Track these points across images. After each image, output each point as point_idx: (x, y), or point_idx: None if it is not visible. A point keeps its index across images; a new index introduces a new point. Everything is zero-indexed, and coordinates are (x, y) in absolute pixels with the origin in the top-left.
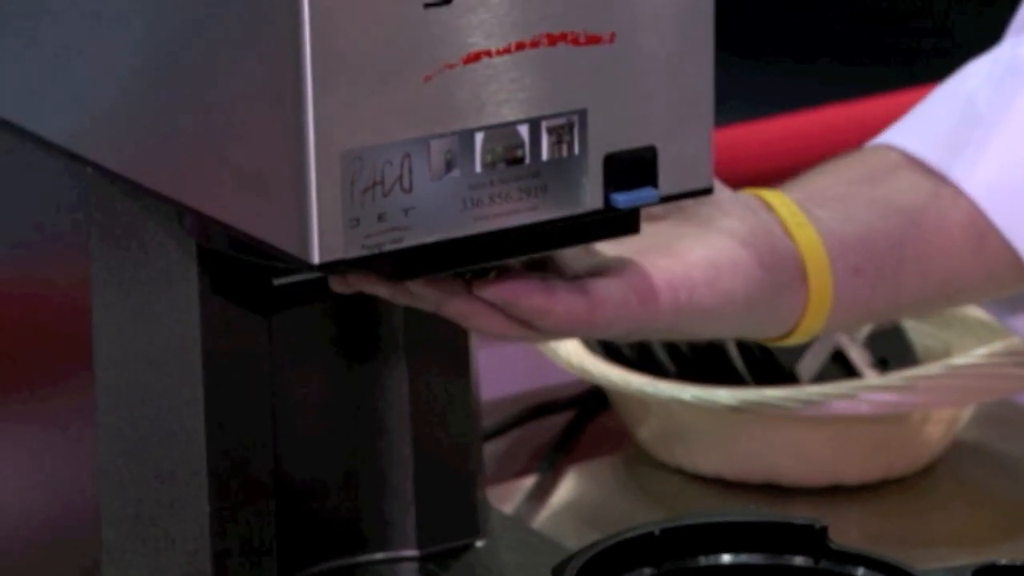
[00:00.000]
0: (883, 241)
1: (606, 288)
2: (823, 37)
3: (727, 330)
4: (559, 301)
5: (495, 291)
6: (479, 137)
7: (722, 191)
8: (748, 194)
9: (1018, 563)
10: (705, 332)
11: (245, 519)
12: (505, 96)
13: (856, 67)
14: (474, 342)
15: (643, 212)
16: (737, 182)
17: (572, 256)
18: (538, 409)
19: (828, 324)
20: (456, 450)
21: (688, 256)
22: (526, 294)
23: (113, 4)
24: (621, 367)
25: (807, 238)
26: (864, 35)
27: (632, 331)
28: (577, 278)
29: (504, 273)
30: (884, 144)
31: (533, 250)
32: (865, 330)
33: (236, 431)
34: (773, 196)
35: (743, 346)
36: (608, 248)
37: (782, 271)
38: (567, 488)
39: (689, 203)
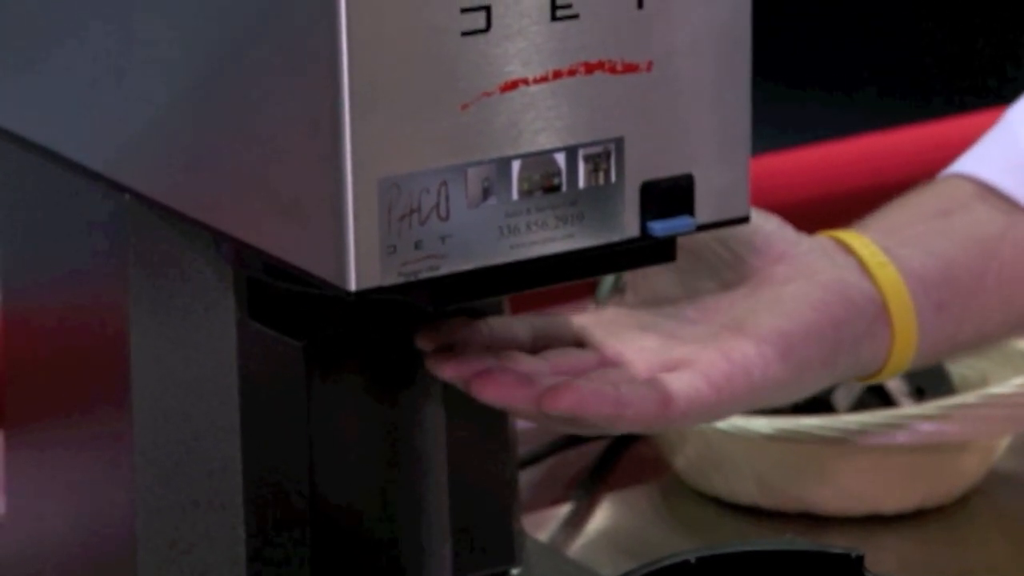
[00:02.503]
0: (964, 274)
1: (676, 383)
2: (860, 67)
3: (808, 391)
4: (628, 405)
5: (565, 406)
6: (516, 165)
7: (799, 243)
8: (825, 237)
9: None
10: (786, 400)
11: (281, 547)
12: (542, 124)
13: (892, 96)
14: None
15: (717, 283)
16: (773, 211)
17: (653, 294)
18: (574, 437)
19: (914, 361)
20: (492, 478)
21: (759, 331)
22: (595, 405)
23: (151, 31)
24: None
25: (889, 278)
26: (901, 65)
27: (711, 417)
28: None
29: (569, 382)
30: (957, 174)
31: (569, 278)
32: None
33: (272, 458)
34: (852, 237)
35: None
36: (682, 328)
37: (860, 321)
38: (603, 516)
39: (763, 265)
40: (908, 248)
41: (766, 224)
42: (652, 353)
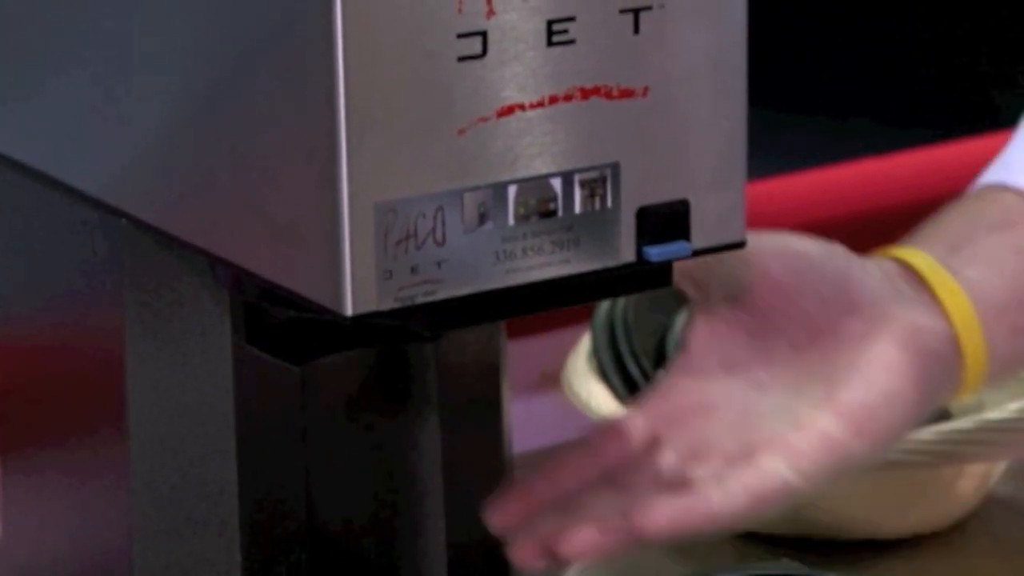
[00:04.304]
0: None
1: (765, 477)
2: (856, 92)
3: (888, 453)
4: (717, 505)
5: (663, 527)
6: (512, 190)
7: (865, 282)
8: (890, 261)
9: None
10: (865, 466)
11: (278, 571)
12: (538, 149)
13: (889, 122)
14: (506, 394)
15: (786, 342)
16: None
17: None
18: None
19: (984, 385)
20: (488, 502)
21: (840, 407)
22: (690, 516)
23: (148, 56)
24: None
25: (961, 312)
26: (897, 91)
27: (793, 499)
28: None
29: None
30: (1000, 185)
31: (565, 303)
32: None
33: (269, 482)
34: (917, 258)
35: None
36: (758, 399)
37: (938, 369)
38: None
39: (834, 318)
40: (976, 268)
41: (830, 262)
42: (731, 431)
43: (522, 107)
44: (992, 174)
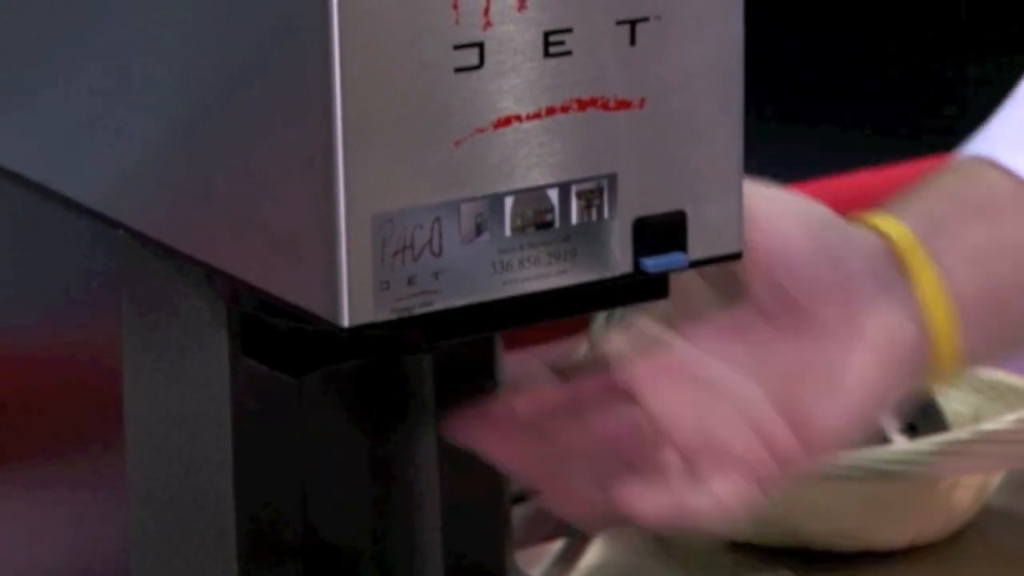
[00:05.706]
0: (1015, 293)
1: (730, 492)
2: (855, 103)
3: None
4: (691, 516)
5: (647, 516)
6: (509, 201)
7: (840, 266)
8: (874, 235)
9: None
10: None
11: None
12: (535, 160)
13: (888, 133)
14: None
15: (776, 334)
16: None
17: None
18: None
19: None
20: (485, 513)
21: (813, 432)
22: (661, 518)
23: (146, 69)
24: None
25: (940, 315)
26: (896, 101)
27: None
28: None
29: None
30: (984, 159)
31: (562, 314)
32: None
33: (265, 493)
34: (902, 238)
35: None
36: (737, 384)
37: (907, 380)
38: (596, 552)
39: (810, 303)
40: (955, 256)
41: (807, 242)
42: (705, 420)
43: (519, 118)
44: (976, 146)
